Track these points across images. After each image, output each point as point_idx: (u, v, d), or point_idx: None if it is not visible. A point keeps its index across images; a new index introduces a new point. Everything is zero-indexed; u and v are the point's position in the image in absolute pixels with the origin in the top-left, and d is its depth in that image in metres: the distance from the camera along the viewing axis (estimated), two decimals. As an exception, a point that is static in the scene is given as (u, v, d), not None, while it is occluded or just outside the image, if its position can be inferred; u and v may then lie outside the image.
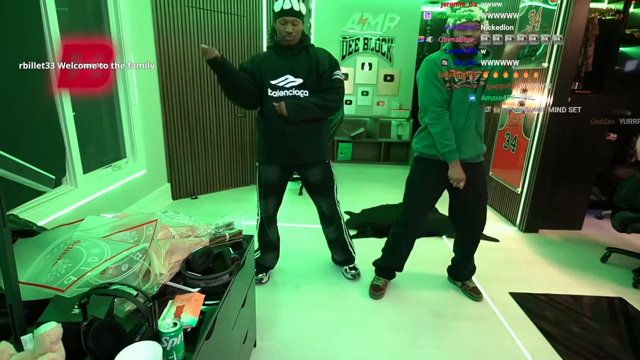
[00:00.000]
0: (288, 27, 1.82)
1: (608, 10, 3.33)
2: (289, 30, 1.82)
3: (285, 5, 1.79)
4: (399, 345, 1.78)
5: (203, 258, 1.18)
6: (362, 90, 5.42)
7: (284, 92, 1.90)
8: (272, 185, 2.07)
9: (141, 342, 0.79)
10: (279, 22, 1.83)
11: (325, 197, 2.15)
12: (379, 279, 2.20)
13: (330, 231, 2.26)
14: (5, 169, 0.73)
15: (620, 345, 1.82)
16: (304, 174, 2.10)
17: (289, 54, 1.89)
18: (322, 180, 2.09)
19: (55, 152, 1.99)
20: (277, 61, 1.90)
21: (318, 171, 2.07)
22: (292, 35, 1.83)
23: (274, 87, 1.90)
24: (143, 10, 2.92)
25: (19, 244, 1.14)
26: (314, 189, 2.15)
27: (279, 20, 1.82)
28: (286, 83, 1.89)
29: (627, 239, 3.02)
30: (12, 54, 1.67)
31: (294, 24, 1.82)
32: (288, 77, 1.89)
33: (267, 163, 2.04)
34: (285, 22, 1.82)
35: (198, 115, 3.51)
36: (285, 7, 1.79)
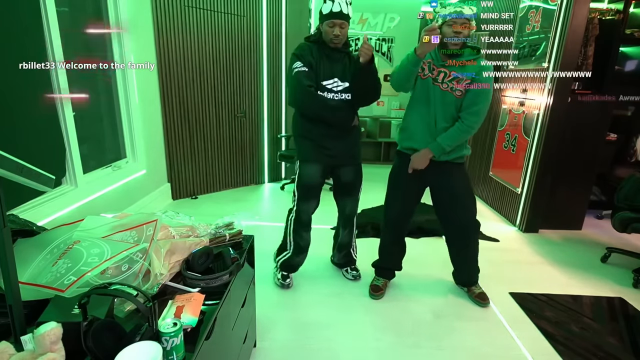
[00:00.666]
0: (336, 30, 1.83)
1: (608, 10, 3.33)
2: (337, 32, 1.83)
3: (335, 7, 1.80)
4: (399, 345, 1.78)
5: (203, 258, 1.18)
6: (362, 90, 5.41)
7: (332, 94, 1.91)
8: (314, 187, 2.05)
9: (141, 342, 0.79)
10: (326, 25, 1.84)
11: (352, 197, 2.16)
12: (379, 279, 2.20)
13: (344, 234, 2.25)
14: (5, 169, 0.73)
15: (620, 345, 1.82)
16: (339, 173, 2.09)
17: (336, 57, 1.91)
18: (354, 179, 2.11)
19: (55, 152, 1.99)
20: (326, 62, 1.90)
21: (352, 171, 2.09)
22: (339, 38, 1.85)
23: (323, 89, 1.90)
24: (143, 11, 2.92)
25: (19, 244, 1.14)
26: (344, 187, 2.14)
27: (327, 22, 1.83)
28: (335, 86, 1.91)
29: (627, 239, 3.02)
30: (12, 54, 1.68)
31: (342, 27, 1.84)
32: (336, 80, 1.91)
33: (311, 161, 2.01)
34: (334, 25, 1.83)
35: (198, 115, 3.51)
36: (335, 10, 1.80)
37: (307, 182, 2.03)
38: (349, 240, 2.27)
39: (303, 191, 2.06)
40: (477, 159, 4.01)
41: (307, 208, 2.09)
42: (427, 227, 3.04)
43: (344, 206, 2.19)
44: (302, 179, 2.04)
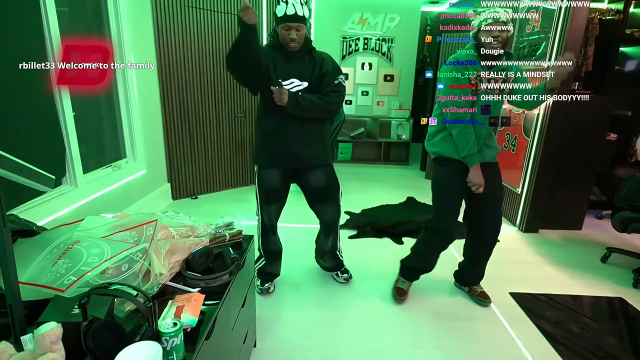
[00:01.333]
0: (292, 34, 1.74)
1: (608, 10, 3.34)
2: (293, 36, 1.74)
3: (289, 10, 1.69)
4: (399, 345, 1.78)
5: (203, 258, 1.18)
6: (362, 90, 5.42)
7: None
8: (274, 191, 1.95)
9: (141, 342, 0.79)
10: (282, 28, 1.75)
11: (329, 203, 2.03)
12: (404, 281, 2.13)
13: (328, 242, 2.16)
14: (5, 169, 0.73)
15: (620, 345, 1.82)
16: (306, 178, 1.96)
17: (294, 57, 1.83)
18: (326, 184, 1.98)
19: (55, 152, 1.99)
20: (282, 63, 1.82)
21: (321, 174, 1.96)
22: (296, 42, 1.76)
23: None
24: (143, 10, 2.92)
25: (19, 244, 1.14)
26: (317, 195, 2.01)
27: (282, 26, 1.74)
28: (292, 87, 1.83)
29: (627, 239, 3.02)
30: (12, 54, 1.67)
31: (298, 29, 1.74)
32: (294, 80, 1.83)
33: (267, 167, 1.92)
34: (289, 28, 1.73)
35: (198, 115, 3.51)
36: (289, 13, 1.70)
37: (266, 186, 1.93)
38: (332, 245, 2.18)
39: (262, 196, 1.96)
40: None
41: (269, 213, 1.98)
42: (427, 227, 3.04)
43: (322, 214, 2.07)
44: (261, 185, 1.95)
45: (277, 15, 1.74)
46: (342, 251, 2.26)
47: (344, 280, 2.24)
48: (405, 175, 4.90)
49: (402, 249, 2.78)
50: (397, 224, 3.05)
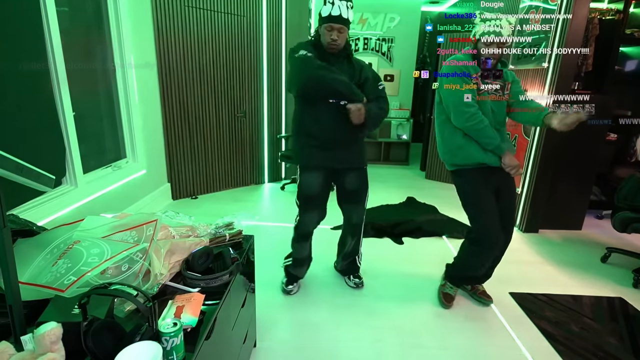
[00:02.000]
0: (334, 35, 1.73)
1: (608, 10, 3.34)
2: (334, 37, 1.73)
3: (334, 11, 1.70)
4: (399, 345, 1.78)
5: (203, 258, 1.18)
6: (362, 90, 5.42)
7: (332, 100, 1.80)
8: (316, 197, 1.94)
9: (141, 342, 0.79)
10: (324, 28, 1.74)
11: (358, 205, 2.04)
12: (453, 287, 2.11)
13: (351, 243, 2.17)
14: (5, 169, 0.73)
15: (620, 345, 1.82)
16: (343, 179, 1.97)
17: (333, 60, 1.80)
18: (360, 187, 2.00)
19: (55, 152, 1.99)
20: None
21: (357, 177, 1.98)
22: (337, 43, 1.75)
23: None
24: (143, 10, 2.92)
25: (19, 244, 1.14)
26: (350, 196, 2.02)
27: (325, 26, 1.74)
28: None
29: (627, 239, 3.02)
30: (12, 54, 1.68)
31: (340, 31, 1.73)
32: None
33: (312, 167, 1.90)
34: (331, 29, 1.73)
35: (198, 115, 3.51)
36: (334, 14, 1.70)
37: (308, 192, 1.93)
38: (356, 248, 2.19)
39: (304, 202, 1.96)
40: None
41: (308, 220, 1.99)
42: (427, 227, 3.04)
43: (350, 215, 2.09)
44: (302, 189, 1.94)
45: (321, 16, 1.75)
46: (362, 257, 2.24)
47: (354, 285, 2.21)
48: (405, 175, 4.90)
49: (401, 248, 2.78)
50: (397, 224, 3.05)
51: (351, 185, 1.98)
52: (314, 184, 1.92)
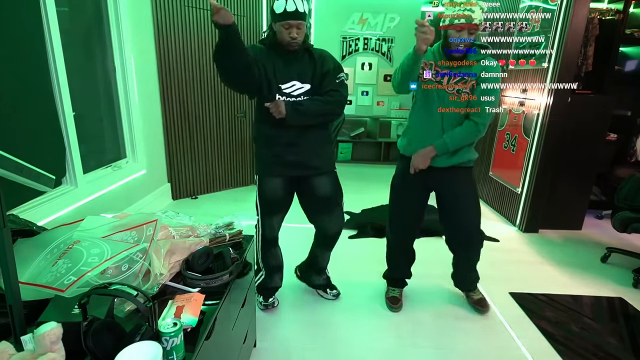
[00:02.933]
0: (293, 32, 1.57)
1: (608, 10, 3.34)
2: (294, 35, 1.58)
3: (289, 6, 1.52)
4: (399, 345, 1.78)
5: (203, 258, 1.18)
6: (362, 90, 5.42)
7: (292, 99, 1.67)
8: (277, 202, 1.79)
9: (141, 342, 0.79)
10: (281, 26, 1.58)
11: (332, 213, 1.86)
12: (394, 289, 2.10)
13: (326, 256, 2.04)
14: (5, 169, 0.73)
15: (620, 345, 1.82)
16: (311, 186, 1.80)
17: (293, 57, 1.67)
18: (332, 193, 1.83)
19: (55, 152, 1.99)
20: (281, 64, 1.65)
21: (327, 182, 1.81)
22: (297, 41, 1.60)
23: (282, 94, 1.67)
24: (143, 10, 2.92)
25: (19, 244, 1.14)
26: (321, 204, 1.85)
27: (281, 24, 1.57)
28: (293, 90, 1.67)
29: (627, 239, 3.02)
30: (12, 54, 1.67)
31: (299, 27, 1.57)
32: (295, 83, 1.67)
33: (269, 175, 1.77)
34: (289, 27, 1.57)
35: (198, 115, 3.51)
36: (290, 9, 1.53)
37: (269, 197, 1.78)
38: (327, 261, 2.07)
39: (264, 207, 1.80)
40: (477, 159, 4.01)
41: (271, 225, 1.83)
42: (427, 227, 3.04)
43: (326, 226, 1.89)
44: (261, 195, 1.79)
45: (275, 12, 1.58)
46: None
47: (333, 297, 2.11)
48: (405, 175, 4.89)
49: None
50: (397, 224, 3.05)
51: (323, 190, 1.81)
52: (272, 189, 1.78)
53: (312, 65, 1.70)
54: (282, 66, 1.66)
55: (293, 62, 1.68)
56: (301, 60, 1.69)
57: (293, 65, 1.67)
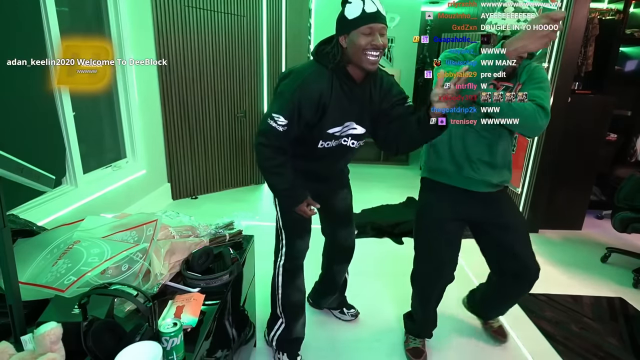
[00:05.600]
0: (377, 39, 1.15)
1: (608, 10, 3.34)
2: (377, 42, 1.15)
3: (369, 6, 1.14)
4: (399, 344, 1.78)
5: (203, 258, 1.18)
6: (362, 90, 5.41)
7: (336, 141, 1.35)
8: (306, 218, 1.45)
9: (141, 342, 0.79)
10: (360, 34, 1.16)
11: (349, 226, 1.71)
12: (415, 339, 1.75)
13: (342, 272, 1.82)
14: (5, 169, 0.73)
15: (620, 345, 1.82)
16: (333, 201, 1.60)
17: (358, 91, 1.28)
18: (350, 203, 1.68)
19: (55, 152, 1.99)
20: (343, 102, 1.27)
21: (348, 194, 1.66)
22: (380, 53, 1.18)
23: (329, 137, 1.33)
24: (143, 10, 2.92)
25: (19, 244, 1.14)
26: (343, 218, 1.67)
27: (361, 30, 1.15)
28: (345, 130, 1.33)
29: (627, 239, 3.02)
30: (11, 54, 1.67)
31: (382, 33, 1.17)
32: (349, 124, 1.32)
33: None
34: (371, 32, 1.15)
35: (198, 115, 3.51)
36: (369, 10, 1.14)
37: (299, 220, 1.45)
38: (344, 277, 1.88)
39: (294, 225, 1.49)
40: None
41: (302, 247, 1.53)
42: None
43: (340, 240, 1.70)
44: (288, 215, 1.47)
45: (347, 19, 1.17)
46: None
47: (351, 317, 1.92)
48: (405, 175, 4.90)
49: (401, 248, 2.78)
50: (397, 224, 3.05)
51: (343, 203, 1.65)
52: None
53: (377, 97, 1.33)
54: (344, 103, 1.28)
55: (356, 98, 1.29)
56: (364, 94, 1.31)
57: (354, 103, 1.29)
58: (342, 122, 1.30)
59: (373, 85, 1.32)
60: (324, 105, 1.24)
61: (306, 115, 1.24)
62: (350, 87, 1.27)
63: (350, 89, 1.27)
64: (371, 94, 1.32)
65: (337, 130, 1.31)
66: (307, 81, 1.24)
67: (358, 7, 1.14)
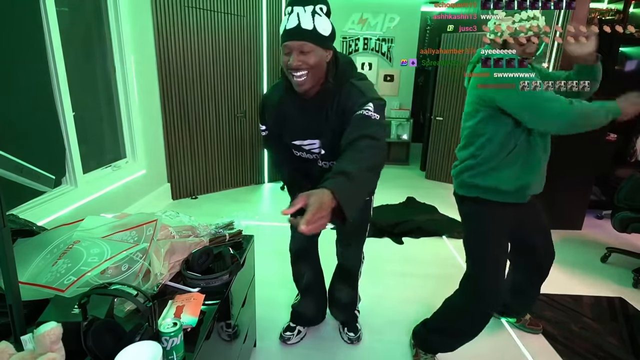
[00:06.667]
0: (292, 59, 1.10)
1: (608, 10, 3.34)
2: (293, 62, 1.10)
3: (290, 22, 1.08)
4: (398, 344, 1.78)
5: (203, 258, 1.18)
6: (362, 90, 5.41)
7: (308, 155, 1.36)
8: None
9: (141, 342, 0.79)
10: (283, 51, 1.15)
11: (349, 245, 1.61)
12: (426, 354, 1.65)
13: (344, 293, 1.72)
14: (5, 169, 0.73)
15: (620, 345, 1.82)
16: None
17: (311, 106, 1.23)
18: (359, 218, 1.54)
19: (55, 152, 1.99)
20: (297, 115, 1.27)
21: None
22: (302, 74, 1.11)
23: (297, 148, 1.36)
24: (143, 11, 2.92)
25: (19, 244, 1.14)
26: (341, 234, 1.62)
27: (283, 47, 1.14)
28: (312, 148, 1.33)
29: (627, 239, 3.02)
30: (12, 54, 1.68)
31: (302, 51, 1.09)
32: (311, 141, 1.31)
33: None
34: (289, 51, 1.11)
35: (198, 115, 3.51)
36: (289, 26, 1.08)
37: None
38: (349, 300, 1.73)
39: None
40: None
41: (295, 234, 1.61)
42: (427, 227, 3.04)
43: (341, 255, 1.66)
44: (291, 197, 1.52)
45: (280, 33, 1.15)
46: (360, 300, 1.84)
47: (348, 340, 1.78)
48: (405, 175, 4.89)
49: (401, 248, 2.78)
50: (397, 224, 3.05)
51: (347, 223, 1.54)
52: None
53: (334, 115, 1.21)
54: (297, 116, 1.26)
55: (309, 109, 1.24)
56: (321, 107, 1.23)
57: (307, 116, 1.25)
58: (303, 137, 1.30)
59: (330, 104, 1.20)
60: (283, 114, 1.29)
61: (270, 121, 1.36)
62: (302, 102, 1.23)
63: (302, 105, 1.24)
64: (327, 113, 1.21)
65: (302, 143, 1.32)
66: (269, 91, 1.39)
67: (283, 24, 1.11)
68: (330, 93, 1.20)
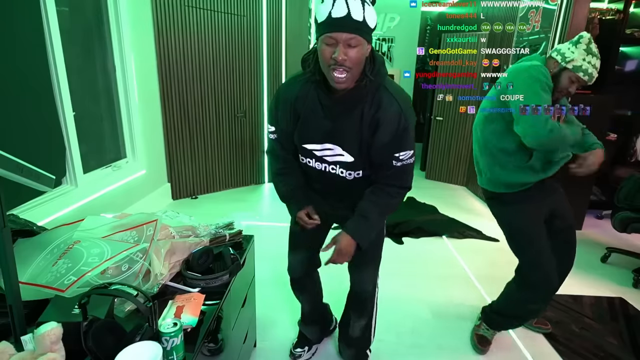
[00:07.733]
0: (338, 52, 0.95)
1: (608, 10, 3.34)
2: (338, 56, 0.95)
3: (337, 10, 0.92)
4: (398, 344, 1.78)
5: (203, 258, 1.18)
6: (362, 90, 5.41)
7: (320, 163, 1.20)
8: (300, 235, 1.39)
9: (141, 342, 0.79)
10: (322, 42, 0.98)
11: (363, 270, 1.42)
12: (488, 330, 1.79)
13: (356, 325, 1.51)
14: (5, 169, 0.73)
15: (620, 345, 1.82)
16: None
17: (341, 106, 1.08)
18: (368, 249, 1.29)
19: (55, 152, 1.99)
20: (318, 114, 1.12)
21: None
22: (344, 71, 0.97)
23: (308, 154, 1.20)
24: (143, 10, 2.92)
25: (19, 244, 1.14)
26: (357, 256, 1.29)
27: (322, 38, 0.98)
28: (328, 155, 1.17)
29: (627, 239, 3.02)
30: (12, 54, 1.67)
31: (349, 45, 0.95)
32: (332, 147, 1.14)
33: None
34: (332, 42, 0.96)
35: (198, 115, 3.51)
36: (336, 14, 0.93)
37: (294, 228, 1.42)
38: (362, 334, 1.52)
39: (290, 235, 1.46)
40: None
41: (292, 260, 1.47)
42: (427, 227, 3.04)
43: (353, 281, 1.47)
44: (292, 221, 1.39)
45: (317, 21, 0.98)
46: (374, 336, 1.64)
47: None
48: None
49: (401, 248, 2.78)
50: (397, 224, 3.05)
51: None
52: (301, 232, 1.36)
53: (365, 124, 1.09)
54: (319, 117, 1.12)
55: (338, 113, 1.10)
56: (351, 114, 1.09)
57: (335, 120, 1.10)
58: (320, 141, 1.14)
59: (362, 107, 1.07)
60: (297, 111, 1.14)
61: (282, 119, 1.17)
62: (330, 101, 1.08)
63: (330, 104, 1.09)
64: (362, 116, 1.08)
65: (315, 148, 1.16)
66: (284, 85, 1.20)
67: (326, 9, 0.94)
68: (365, 94, 1.06)
